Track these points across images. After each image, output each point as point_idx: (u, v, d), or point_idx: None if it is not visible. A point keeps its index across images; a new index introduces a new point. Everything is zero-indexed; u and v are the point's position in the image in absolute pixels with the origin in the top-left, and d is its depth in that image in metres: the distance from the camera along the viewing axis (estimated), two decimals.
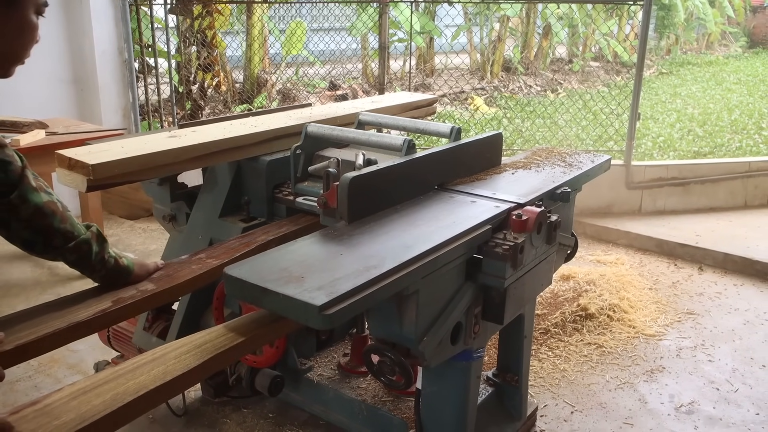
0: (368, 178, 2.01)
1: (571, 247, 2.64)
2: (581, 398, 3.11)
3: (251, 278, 1.58)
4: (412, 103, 3.43)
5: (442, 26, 11.33)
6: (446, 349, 1.98)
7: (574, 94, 10.91)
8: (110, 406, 1.39)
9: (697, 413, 3.01)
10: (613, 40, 14.01)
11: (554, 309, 3.76)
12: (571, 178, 2.47)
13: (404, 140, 2.25)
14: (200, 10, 7.61)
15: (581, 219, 5.23)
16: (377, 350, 1.90)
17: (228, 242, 2.29)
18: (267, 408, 2.95)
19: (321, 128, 2.47)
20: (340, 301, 1.47)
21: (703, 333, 3.72)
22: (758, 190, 5.65)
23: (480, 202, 2.16)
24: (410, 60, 6.55)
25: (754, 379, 3.27)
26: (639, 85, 5.23)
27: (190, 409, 2.94)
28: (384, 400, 2.63)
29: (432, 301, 1.87)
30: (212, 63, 8.16)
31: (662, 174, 5.50)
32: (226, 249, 2.21)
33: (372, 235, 1.87)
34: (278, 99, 9.67)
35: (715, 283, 4.41)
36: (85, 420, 1.35)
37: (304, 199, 2.42)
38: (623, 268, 4.50)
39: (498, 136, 2.63)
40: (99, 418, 1.36)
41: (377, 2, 5.57)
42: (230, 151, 2.46)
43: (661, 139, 8.02)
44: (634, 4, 5.21)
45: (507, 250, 1.93)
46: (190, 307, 2.64)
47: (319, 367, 2.83)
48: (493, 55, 12.27)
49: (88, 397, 1.43)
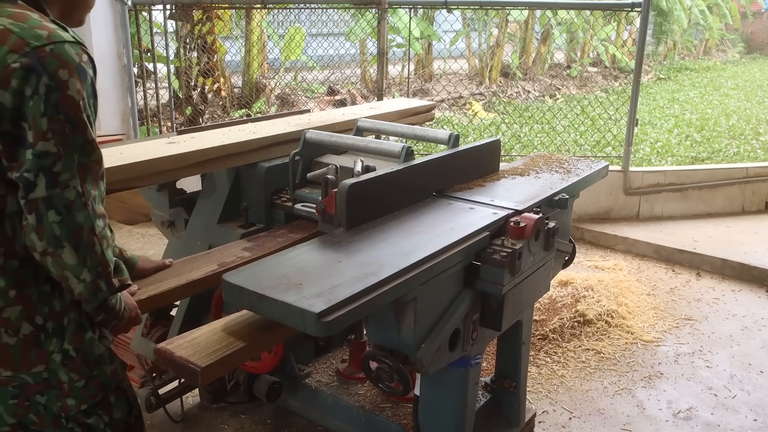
0: (367, 184, 2.01)
1: (569, 253, 2.65)
2: (579, 404, 3.11)
3: (249, 285, 1.58)
4: (411, 110, 3.44)
5: (440, 32, 11.36)
6: (444, 356, 1.98)
7: (572, 99, 10.94)
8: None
9: (695, 419, 3.01)
10: (611, 45, 14.06)
11: (552, 315, 3.77)
12: (569, 185, 2.48)
13: (402, 147, 2.26)
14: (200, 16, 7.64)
15: (579, 225, 5.24)
16: (375, 357, 1.90)
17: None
18: (265, 414, 2.95)
19: (319, 135, 2.48)
20: (338, 308, 1.48)
21: (701, 339, 3.73)
22: (756, 196, 5.66)
23: (478, 208, 2.17)
24: (409, 65, 6.56)
25: (752, 385, 3.28)
26: (637, 90, 5.24)
27: (188, 415, 2.94)
28: (382, 406, 2.63)
29: (430, 307, 1.87)
30: (212, 68, 8.18)
31: (660, 180, 5.52)
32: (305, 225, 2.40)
33: (370, 242, 1.87)
34: (277, 104, 9.68)
35: (712, 288, 4.42)
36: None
37: (302, 206, 2.43)
38: (621, 273, 4.50)
39: (496, 142, 2.64)
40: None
41: (376, 8, 5.58)
42: (229, 157, 2.46)
43: (659, 144, 8.04)
44: (632, 10, 5.22)
45: (505, 257, 1.94)
46: (188, 313, 2.64)
47: (318, 373, 2.83)
48: (491, 61, 12.30)
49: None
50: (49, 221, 1.38)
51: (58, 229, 1.39)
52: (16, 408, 1.55)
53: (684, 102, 11.38)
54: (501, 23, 12.09)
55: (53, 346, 1.52)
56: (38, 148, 1.36)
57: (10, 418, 1.57)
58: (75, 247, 1.41)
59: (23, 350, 1.50)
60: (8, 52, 1.34)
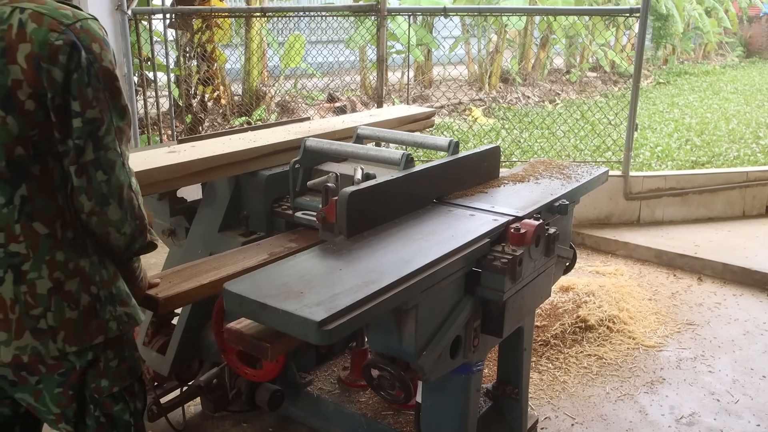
0: (367, 192, 2.01)
1: (569, 259, 2.65)
2: (582, 410, 3.10)
3: (250, 294, 1.58)
4: (411, 116, 3.45)
5: (439, 38, 11.39)
6: (446, 363, 1.98)
7: (571, 104, 10.96)
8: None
9: (698, 425, 3.00)
10: (610, 50, 14.09)
11: (554, 320, 3.76)
12: (569, 191, 2.48)
13: (402, 154, 2.26)
14: (200, 24, 7.66)
15: (580, 230, 5.24)
16: (377, 365, 1.90)
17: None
18: (267, 422, 2.94)
19: (319, 143, 2.49)
20: (339, 317, 1.47)
21: (703, 344, 3.72)
22: (756, 200, 5.66)
23: (478, 215, 2.17)
24: (408, 72, 6.57)
25: (754, 390, 3.27)
26: (636, 95, 5.25)
27: (189, 424, 2.94)
28: (384, 413, 2.63)
29: (431, 315, 1.87)
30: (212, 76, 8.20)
31: (660, 184, 5.52)
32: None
33: (371, 250, 1.87)
34: (277, 111, 9.70)
35: (714, 293, 4.41)
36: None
37: (303, 214, 2.43)
38: (622, 279, 4.50)
39: (496, 149, 2.64)
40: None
41: (375, 15, 5.60)
42: (229, 166, 2.47)
43: (659, 149, 8.05)
44: (631, 15, 5.23)
45: (506, 263, 1.94)
46: (189, 322, 2.64)
47: (319, 381, 2.83)
48: (491, 67, 12.34)
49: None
50: (98, 181, 1.50)
51: (105, 187, 1.51)
52: (60, 397, 1.59)
53: (683, 106, 11.40)
54: (500, 29, 12.12)
55: (108, 314, 1.60)
56: (86, 116, 1.47)
57: (54, 407, 1.60)
58: (119, 204, 1.54)
59: (84, 322, 1.56)
60: (49, 32, 1.43)
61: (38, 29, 1.42)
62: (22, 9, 1.43)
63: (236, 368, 2.52)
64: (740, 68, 17.76)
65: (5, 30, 1.41)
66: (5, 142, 1.43)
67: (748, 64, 18.73)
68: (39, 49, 1.41)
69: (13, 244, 1.47)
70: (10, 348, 1.49)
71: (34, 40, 1.41)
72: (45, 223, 1.50)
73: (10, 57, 1.40)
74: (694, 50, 18.93)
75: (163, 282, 2.03)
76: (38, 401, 1.59)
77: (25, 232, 1.47)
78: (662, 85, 14.51)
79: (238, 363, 2.51)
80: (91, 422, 1.64)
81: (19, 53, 1.40)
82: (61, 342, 1.52)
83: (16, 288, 1.48)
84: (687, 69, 16.89)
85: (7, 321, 1.48)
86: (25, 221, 1.47)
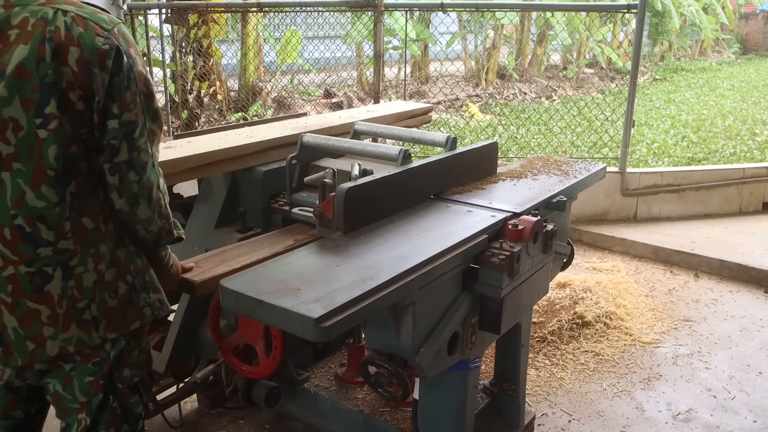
0: (364, 188, 2.00)
1: (567, 255, 2.65)
2: (579, 407, 3.10)
3: (247, 291, 1.57)
4: (408, 112, 3.44)
5: (436, 34, 11.36)
6: (443, 360, 1.98)
7: (568, 100, 10.96)
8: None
9: (695, 421, 3.00)
10: (607, 46, 14.08)
11: (551, 317, 3.76)
12: (567, 187, 2.48)
13: (399, 150, 2.25)
14: (196, 20, 7.63)
15: (577, 226, 5.23)
16: (374, 361, 1.89)
17: None
18: (264, 419, 2.94)
19: (316, 138, 2.47)
20: (336, 314, 1.47)
21: (700, 340, 3.72)
22: (753, 197, 5.67)
23: (476, 211, 2.16)
24: (405, 68, 6.56)
25: (751, 387, 3.27)
26: (633, 91, 5.24)
27: (186, 421, 2.93)
28: (381, 410, 2.62)
29: (428, 311, 1.86)
30: (208, 72, 8.17)
31: (657, 181, 5.52)
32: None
33: (368, 246, 1.86)
34: (273, 107, 9.68)
35: (710, 289, 4.41)
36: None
37: (300, 210, 2.42)
38: (619, 275, 4.50)
39: (493, 145, 2.64)
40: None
41: (372, 10, 5.58)
42: (226, 161, 2.45)
43: (656, 145, 8.05)
44: (628, 12, 5.22)
45: (503, 260, 1.93)
46: (186, 318, 2.62)
47: (316, 378, 2.82)
48: (487, 63, 12.32)
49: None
50: (129, 181, 1.56)
51: (136, 186, 1.57)
52: (89, 386, 1.63)
53: (680, 103, 11.40)
54: (497, 25, 12.10)
55: (142, 300, 1.68)
56: (123, 118, 1.52)
57: (81, 396, 1.63)
58: (148, 203, 1.61)
59: (122, 309, 1.62)
60: (95, 36, 1.46)
61: (85, 33, 1.45)
62: (65, 11, 1.45)
63: (233, 365, 2.51)
64: (737, 65, 17.78)
65: (53, 31, 1.42)
66: (63, 142, 1.46)
67: (744, 61, 18.75)
68: (89, 53, 1.45)
69: (62, 242, 1.51)
70: (56, 341, 1.54)
71: (82, 44, 1.44)
72: (91, 218, 1.55)
73: (62, 59, 1.42)
74: (690, 47, 18.94)
75: (195, 267, 2.10)
76: (66, 389, 1.62)
77: (73, 228, 1.52)
78: (659, 81, 14.51)
79: (234, 360, 2.50)
80: (108, 414, 1.67)
81: (70, 56, 1.43)
82: (103, 330, 1.58)
83: (63, 284, 1.52)
84: (684, 65, 16.90)
85: (55, 316, 1.52)
86: (74, 218, 1.52)
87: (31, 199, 1.46)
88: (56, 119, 1.43)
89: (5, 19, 1.41)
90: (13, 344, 1.51)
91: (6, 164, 1.43)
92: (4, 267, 1.48)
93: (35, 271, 1.49)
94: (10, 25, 1.41)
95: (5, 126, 1.41)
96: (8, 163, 1.43)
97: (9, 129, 1.41)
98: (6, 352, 1.52)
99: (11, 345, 1.52)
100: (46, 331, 1.52)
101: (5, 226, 1.45)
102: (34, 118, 1.42)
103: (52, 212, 1.48)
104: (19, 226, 1.46)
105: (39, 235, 1.48)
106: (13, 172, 1.44)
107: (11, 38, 1.40)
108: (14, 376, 1.62)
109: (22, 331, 1.51)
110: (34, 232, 1.47)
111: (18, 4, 1.43)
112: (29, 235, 1.47)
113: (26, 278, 1.48)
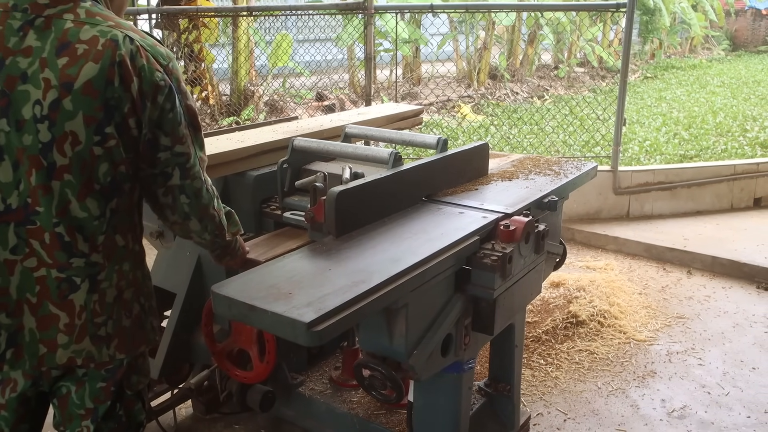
0: (355, 191, 2.00)
1: (559, 255, 2.65)
2: (574, 406, 3.11)
3: (239, 296, 1.57)
4: (399, 114, 3.44)
5: (427, 35, 11.38)
6: (437, 362, 1.98)
7: (560, 100, 10.98)
8: None
9: (690, 417, 3.01)
10: (597, 45, 14.13)
11: (545, 316, 3.77)
12: (558, 187, 2.48)
13: (390, 152, 2.25)
14: (187, 24, 7.62)
15: (570, 225, 5.25)
16: (368, 364, 1.89)
17: None
18: (259, 424, 2.93)
19: (308, 142, 2.47)
20: (328, 318, 1.47)
21: (693, 337, 3.74)
22: (744, 193, 5.70)
23: (468, 212, 2.17)
24: (396, 69, 6.57)
25: (744, 382, 3.29)
26: (624, 89, 5.26)
27: (181, 427, 2.92)
28: (376, 413, 2.62)
29: (421, 314, 1.87)
30: (200, 76, 8.16)
31: (649, 179, 5.54)
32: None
33: (360, 249, 1.86)
34: (265, 111, 9.67)
35: (703, 286, 4.43)
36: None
37: (291, 214, 2.42)
38: (613, 273, 4.51)
39: (484, 146, 2.64)
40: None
41: (362, 13, 5.59)
42: (217, 166, 2.44)
43: (648, 143, 8.08)
44: (618, 10, 5.24)
45: (495, 261, 1.94)
46: (179, 324, 2.62)
47: (311, 382, 2.82)
48: (479, 63, 12.34)
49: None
50: (181, 203, 1.66)
51: (187, 207, 1.67)
52: (100, 392, 1.63)
53: (671, 100, 11.45)
54: (488, 26, 12.13)
55: (149, 324, 1.70)
56: (175, 150, 1.59)
57: (90, 402, 1.63)
58: (199, 219, 1.72)
59: (133, 330, 1.64)
60: (155, 71, 1.52)
61: (146, 66, 1.50)
62: (131, 39, 1.49)
63: (227, 370, 2.51)
64: (726, 62, 17.86)
65: (122, 56, 1.46)
66: (114, 161, 1.51)
67: (734, 58, 18.84)
68: (147, 86, 1.50)
69: (94, 254, 1.54)
70: (67, 351, 1.54)
71: (143, 76, 1.49)
72: (123, 235, 1.59)
73: (126, 86, 1.47)
74: (680, 44, 19.04)
75: (253, 250, 2.22)
76: (77, 392, 1.63)
77: (105, 243, 1.55)
78: (650, 79, 14.57)
79: (228, 365, 2.50)
80: (113, 422, 1.67)
81: (133, 85, 1.47)
82: (113, 349, 1.60)
83: (87, 296, 1.54)
84: (674, 63, 16.98)
85: (72, 326, 1.54)
86: (109, 233, 1.56)
87: (74, 209, 1.49)
88: (113, 139, 1.48)
89: (74, 33, 1.45)
90: (26, 346, 1.52)
91: (58, 174, 1.46)
92: (38, 268, 1.50)
93: (65, 278, 1.51)
94: (79, 39, 1.44)
95: (65, 138, 1.44)
96: (60, 173, 1.46)
97: (68, 142, 1.44)
98: (16, 355, 1.53)
99: (23, 347, 1.52)
100: (60, 339, 1.53)
101: (46, 231, 1.48)
102: (93, 135, 1.46)
103: (91, 224, 1.51)
104: (59, 233, 1.49)
105: (75, 245, 1.50)
106: (63, 182, 1.47)
107: (78, 52, 1.43)
108: (29, 386, 1.61)
109: (38, 333, 1.52)
110: (71, 242, 1.50)
111: (88, 22, 1.46)
112: (67, 244, 1.50)
113: (55, 282, 1.51)
